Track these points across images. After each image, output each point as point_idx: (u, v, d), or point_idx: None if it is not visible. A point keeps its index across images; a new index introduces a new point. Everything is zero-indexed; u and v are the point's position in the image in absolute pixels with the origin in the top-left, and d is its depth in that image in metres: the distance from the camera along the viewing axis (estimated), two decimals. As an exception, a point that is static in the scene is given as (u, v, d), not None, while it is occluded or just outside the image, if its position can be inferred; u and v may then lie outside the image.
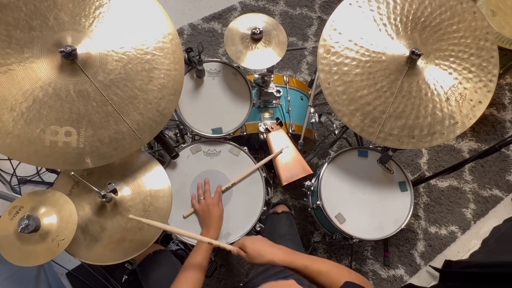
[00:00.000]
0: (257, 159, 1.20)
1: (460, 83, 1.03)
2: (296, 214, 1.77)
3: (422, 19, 1.04)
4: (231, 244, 0.87)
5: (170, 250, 1.44)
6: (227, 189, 1.13)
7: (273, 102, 1.40)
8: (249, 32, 1.12)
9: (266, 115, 1.40)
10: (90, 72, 0.80)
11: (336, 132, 1.48)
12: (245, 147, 1.20)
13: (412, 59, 0.99)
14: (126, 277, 1.26)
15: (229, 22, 1.33)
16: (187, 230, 1.05)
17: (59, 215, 0.83)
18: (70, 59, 0.77)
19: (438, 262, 1.75)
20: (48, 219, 0.82)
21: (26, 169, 1.68)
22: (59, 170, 1.32)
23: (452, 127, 1.04)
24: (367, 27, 1.04)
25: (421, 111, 1.03)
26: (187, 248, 1.52)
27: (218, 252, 1.68)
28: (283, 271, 0.99)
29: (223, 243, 0.86)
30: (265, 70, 1.31)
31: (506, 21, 1.60)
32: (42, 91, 0.77)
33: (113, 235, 0.91)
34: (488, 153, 1.16)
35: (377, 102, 1.02)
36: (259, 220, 1.12)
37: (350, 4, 1.05)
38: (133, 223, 0.93)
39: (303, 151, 1.77)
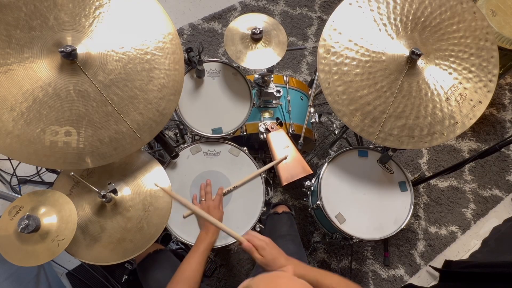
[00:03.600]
0: (256, 159, 1.20)
1: (460, 83, 1.03)
2: (296, 214, 1.77)
3: (422, 19, 1.04)
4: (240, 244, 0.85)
5: (170, 250, 1.44)
6: (228, 191, 1.13)
7: (273, 102, 1.40)
8: (249, 32, 1.12)
9: (266, 115, 1.40)
10: (90, 72, 0.80)
11: (336, 132, 1.48)
12: (245, 148, 1.20)
13: (412, 59, 0.99)
14: (126, 277, 1.26)
15: (229, 22, 1.33)
16: (187, 231, 1.06)
17: (59, 215, 0.83)
18: (70, 59, 0.77)
19: (438, 262, 1.75)
20: (48, 219, 0.82)
21: (26, 169, 1.69)
22: (59, 170, 1.32)
23: (452, 127, 1.04)
24: (367, 27, 1.04)
25: (421, 111, 1.03)
26: (187, 248, 1.52)
27: (218, 252, 1.68)
28: None
29: (235, 232, 0.83)
30: (265, 70, 1.31)
31: (506, 21, 1.60)
32: (42, 91, 0.77)
33: (113, 235, 0.91)
34: (488, 153, 1.16)
35: (377, 102, 1.02)
36: (259, 221, 1.12)
37: (350, 4, 1.05)
38: (133, 223, 0.93)
39: (303, 151, 1.77)
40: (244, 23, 1.14)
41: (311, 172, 1.18)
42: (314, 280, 0.75)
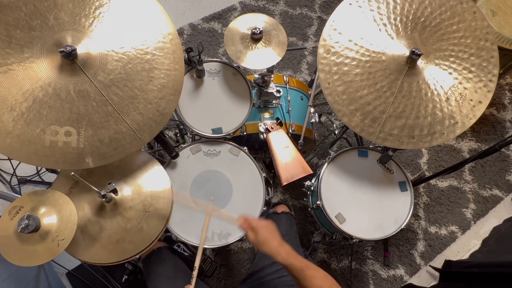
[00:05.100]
0: (257, 159, 1.20)
1: (460, 83, 1.03)
2: (296, 214, 1.77)
3: (422, 19, 1.04)
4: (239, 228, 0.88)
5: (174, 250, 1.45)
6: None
7: (273, 102, 1.40)
8: (249, 32, 1.12)
9: (266, 115, 1.40)
10: (90, 72, 0.80)
11: (336, 132, 1.48)
12: (245, 147, 1.20)
13: (412, 59, 0.99)
14: (126, 277, 1.26)
15: (229, 22, 1.33)
16: (187, 230, 1.06)
17: (59, 215, 0.83)
18: (70, 59, 0.77)
19: (438, 262, 1.75)
20: (48, 219, 0.82)
21: (26, 169, 1.68)
22: (59, 170, 1.32)
23: (452, 127, 1.04)
24: (367, 27, 1.04)
25: (421, 111, 1.03)
26: (190, 250, 1.52)
27: (218, 252, 1.68)
28: (280, 270, 1.05)
29: (231, 215, 0.88)
30: (265, 70, 1.30)
31: (506, 21, 1.60)
32: (42, 91, 0.77)
33: (113, 236, 0.91)
34: (488, 153, 1.16)
35: (377, 102, 1.02)
36: (259, 220, 1.13)
37: (350, 4, 1.05)
38: (133, 223, 0.92)
39: (303, 151, 1.77)
40: (244, 23, 1.14)
41: (311, 172, 1.17)
42: (299, 268, 0.79)
